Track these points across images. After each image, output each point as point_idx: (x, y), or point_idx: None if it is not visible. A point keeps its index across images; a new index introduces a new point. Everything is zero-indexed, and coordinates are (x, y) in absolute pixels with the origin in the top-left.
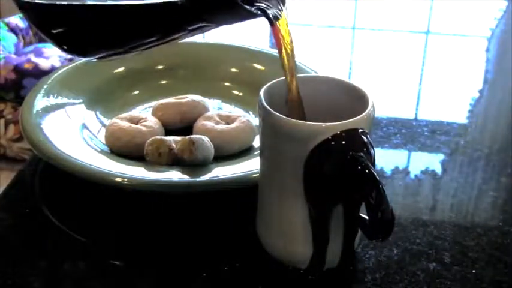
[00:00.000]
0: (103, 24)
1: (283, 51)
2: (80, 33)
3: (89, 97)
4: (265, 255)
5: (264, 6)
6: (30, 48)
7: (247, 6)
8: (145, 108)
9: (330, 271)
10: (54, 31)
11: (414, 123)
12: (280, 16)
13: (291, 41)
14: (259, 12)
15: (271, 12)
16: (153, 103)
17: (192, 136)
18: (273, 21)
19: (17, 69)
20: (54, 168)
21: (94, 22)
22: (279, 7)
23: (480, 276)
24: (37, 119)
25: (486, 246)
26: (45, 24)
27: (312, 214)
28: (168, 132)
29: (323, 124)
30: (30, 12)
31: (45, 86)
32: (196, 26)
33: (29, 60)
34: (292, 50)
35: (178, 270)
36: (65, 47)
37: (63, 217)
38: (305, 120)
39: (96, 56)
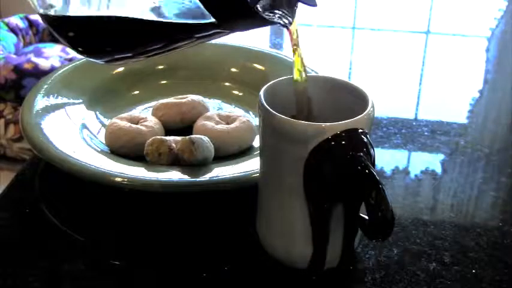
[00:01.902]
0: (129, 37)
1: (296, 52)
2: (100, 42)
3: (89, 97)
4: (265, 255)
5: (280, 14)
6: (30, 48)
7: (267, 16)
8: (145, 108)
9: (330, 271)
10: (71, 34)
11: (414, 123)
12: (292, 20)
13: (298, 43)
14: (277, 20)
15: (285, 19)
16: (153, 103)
17: (192, 136)
18: (288, 27)
19: (17, 69)
20: (54, 168)
21: (120, 35)
22: (291, 10)
23: (480, 276)
24: (37, 119)
25: (486, 246)
26: (64, 30)
27: (312, 214)
28: (168, 132)
29: (323, 124)
30: (49, 19)
31: (45, 86)
32: (210, 32)
33: (29, 60)
34: (297, 50)
35: (178, 270)
36: (80, 49)
37: (63, 217)
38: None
39: (106, 60)
